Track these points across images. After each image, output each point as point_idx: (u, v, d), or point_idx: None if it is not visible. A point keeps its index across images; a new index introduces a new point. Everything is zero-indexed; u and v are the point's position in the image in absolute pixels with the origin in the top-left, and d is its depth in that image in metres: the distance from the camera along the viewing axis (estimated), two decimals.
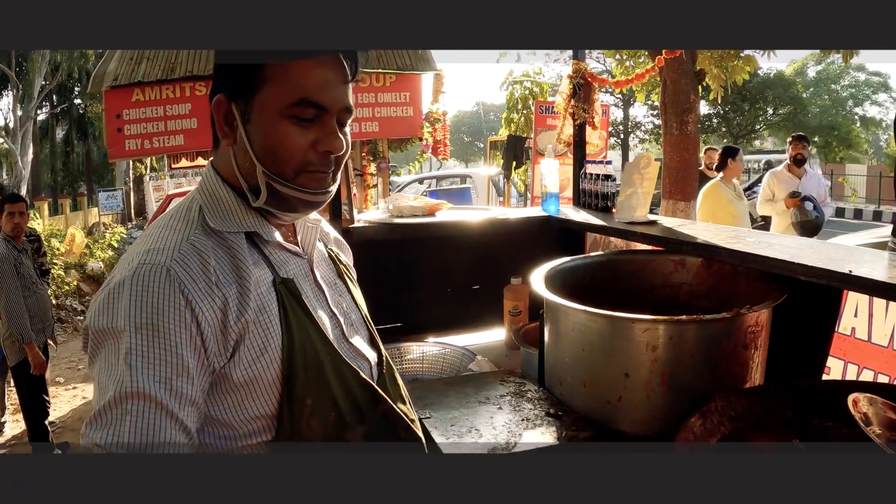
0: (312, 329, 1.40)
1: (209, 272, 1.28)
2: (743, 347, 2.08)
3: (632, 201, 3.15)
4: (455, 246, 3.55)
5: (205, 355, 1.25)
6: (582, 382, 2.17)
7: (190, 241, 1.31)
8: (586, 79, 3.98)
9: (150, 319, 1.19)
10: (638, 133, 43.79)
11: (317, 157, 1.38)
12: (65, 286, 12.94)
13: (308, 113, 1.36)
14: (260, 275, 1.38)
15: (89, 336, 1.25)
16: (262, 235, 1.43)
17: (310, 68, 1.36)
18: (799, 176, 8.48)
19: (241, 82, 1.38)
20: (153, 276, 1.22)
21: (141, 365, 1.16)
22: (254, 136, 1.37)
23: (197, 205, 1.41)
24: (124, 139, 8.58)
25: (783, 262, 2.13)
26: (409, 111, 9.21)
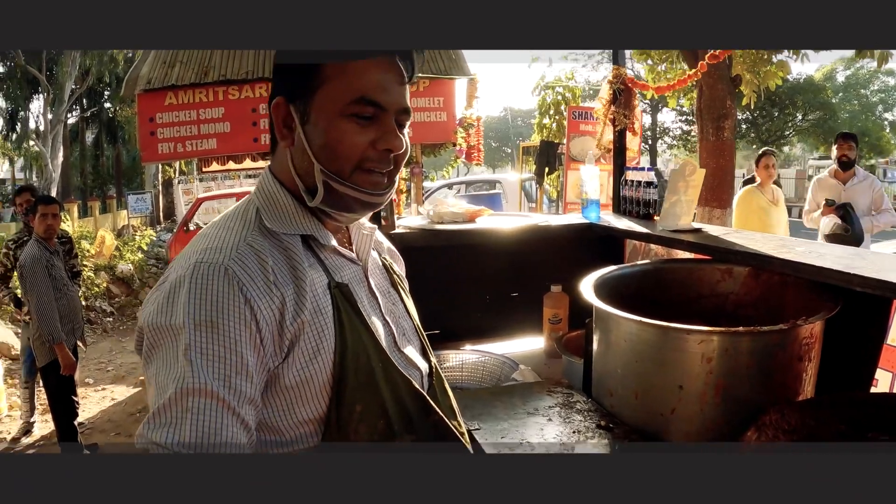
0: (366, 335, 1.39)
1: (267, 271, 1.28)
2: (797, 359, 2.03)
3: (676, 209, 3.10)
4: (494, 252, 3.52)
5: (263, 354, 1.24)
6: (634, 394, 2.13)
7: (247, 241, 1.31)
8: (627, 84, 3.95)
9: (210, 317, 1.19)
10: (666, 139, 43.62)
11: (376, 155, 1.38)
12: (94, 288, 13.07)
13: (367, 111, 1.36)
14: (316, 277, 1.38)
15: (145, 334, 1.24)
16: (319, 239, 1.43)
17: (368, 68, 1.37)
18: (844, 181, 7.54)
19: (299, 84, 1.39)
20: (212, 274, 1.23)
21: (201, 361, 1.16)
22: (312, 135, 1.37)
23: (254, 207, 1.41)
24: (157, 142, 8.61)
25: (838, 272, 2.09)
26: (443, 116, 9.19)
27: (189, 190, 21.20)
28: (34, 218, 6.22)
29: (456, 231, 3.39)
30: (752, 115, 34.82)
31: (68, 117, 32.58)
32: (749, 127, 36.82)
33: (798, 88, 35.18)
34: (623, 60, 4.05)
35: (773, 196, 7.77)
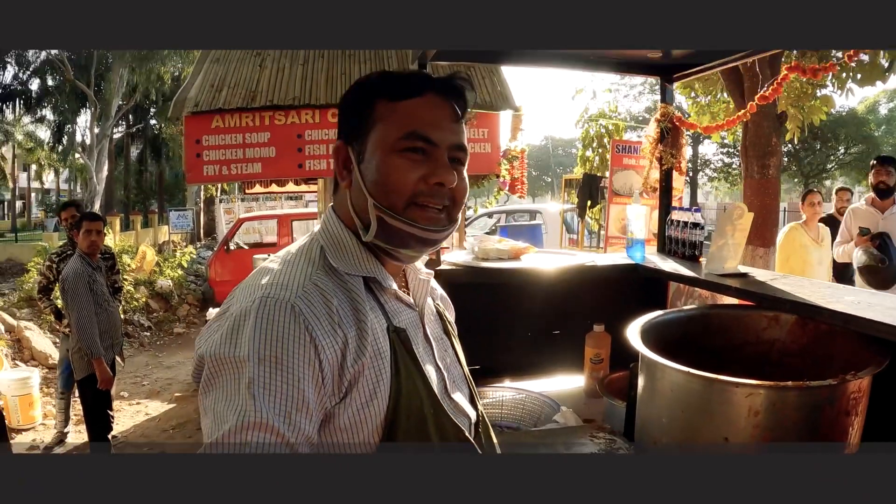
0: (420, 381, 1.40)
1: (332, 312, 1.29)
2: (845, 414, 2.00)
3: (723, 252, 3.08)
4: (538, 289, 3.52)
5: (322, 393, 1.25)
6: (678, 444, 2.11)
7: (313, 280, 1.33)
8: (674, 123, 3.93)
9: (275, 352, 1.20)
10: (707, 171, 43.39)
11: (427, 189, 1.40)
12: (133, 302, 13.21)
13: (418, 145, 1.39)
14: (376, 320, 1.39)
15: (206, 364, 1.25)
16: (380, 281, 1.45)
17: (419, 106, 1.42)
18: (883, 209, 6.86)
19: (356, 126, 1.45)
20: (279, 310, 1.24)
21: (264, 396, 1.17)
22: (367, 172, 1.41)
23: (318, 245, 1.44)
24: (203, 164, 8.71)
25: (888, 326, 2.06)
26: (487, 148, 9.22)
27: (230, 209, 21.41)
28: (78, 233, 6.32)
29: (501, 269, 3.40)
30: (794, 148, 34.55)
31: (114, 132, 33.12)
32: (791, 161, 36.52)
33: (841, 122, 34.87)
34: (671, 97, 4.03)
35: (818, 234, 7.67)
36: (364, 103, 1.44)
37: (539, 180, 64.58)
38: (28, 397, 7.89)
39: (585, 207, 11.76)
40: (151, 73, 29.19)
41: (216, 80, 8.98)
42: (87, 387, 6.24)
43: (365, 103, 1.44)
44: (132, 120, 36.90)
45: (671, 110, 3.96)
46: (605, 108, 12.98)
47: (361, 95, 1.46)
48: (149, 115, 37.02)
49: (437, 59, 3.51)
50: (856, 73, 8.46)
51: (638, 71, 4.12)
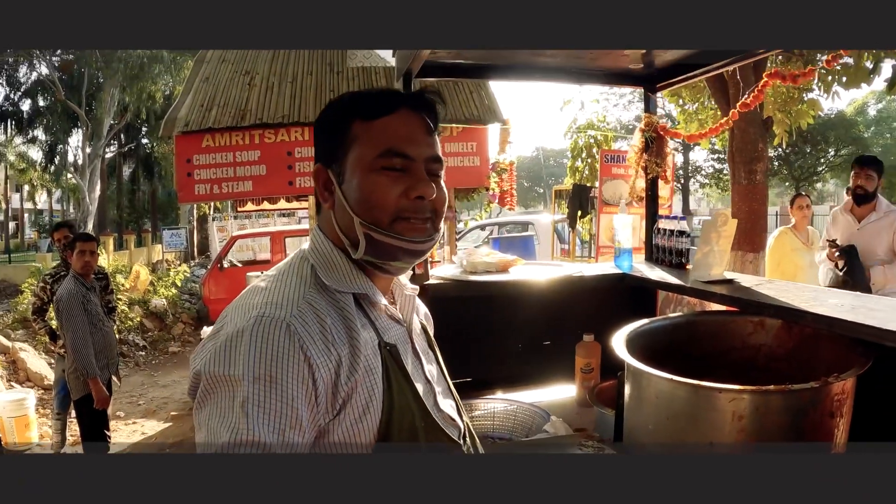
0: (411, 395, 1.43)
1: (326, 330, 1.31)
2: (829, 416, 2.02)
3: (708, 259, 3.11)
4: (527, 301, 3.54)
5: (316, 411, 1.27)
6: (665, 451, 2.13)
7: (307, 299, 1.35)
8: (659, 132, 3.96)
9: (270, 371, 1.22)
10: (698, 177, 43.43)
11: (410, 204, 1.43)
12: (128, 321, 13.19)
13: (395, 163, 1.43)
14: (367, 336, 1.41)
15: (200, 381, 1.27)
16: (370, 297, 1.48)
17: (392, 123, 1.45)
18: (860, 217, 6.19)
19: (333, 148, 1.48)
20: (274, 329, 1.26)
21: (258, 414, 1.19)
22: (349, 193, 1.44)
23: (308, 263, 1.46)
24: (194, 183, 8.74)
25: (871, 328, 2.08)
26: (476, 161, 9.26)
27: (223, 227, 21.39)
28: (72, 254, 6.33)
29: (489, 282, 3.42)
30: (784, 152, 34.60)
31: (106, 152, 33.07)
32: (781, 164, 36.59)
33: (830, 124, 34.92)
34: (655, 107, 4.06)
35: (808, 238, 7.62)
36: (339, 125, 1.47)
37: (531, 191, 64.63)
38: (24, 418, 7.87)
39: (576, 218, 11.78)
40: (142, 91, 29.19)
41: (206, 100, 9.03)
42: (83, 407, 6.24)
43: (340, 125, 1.47)
44: (124, 139, 36.85)
45: (655, 120, 3.99)
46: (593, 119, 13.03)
47: (336, 117, 1.49)
48: (140, 133, 37.00)
49: (422, 75, 3.53)
50: (841, 76, 8.49)
51: (621, 82, 4.15)
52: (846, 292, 2.87)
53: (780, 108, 9.79)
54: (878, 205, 6.12)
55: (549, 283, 3.46)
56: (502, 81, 4.07)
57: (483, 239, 17.72)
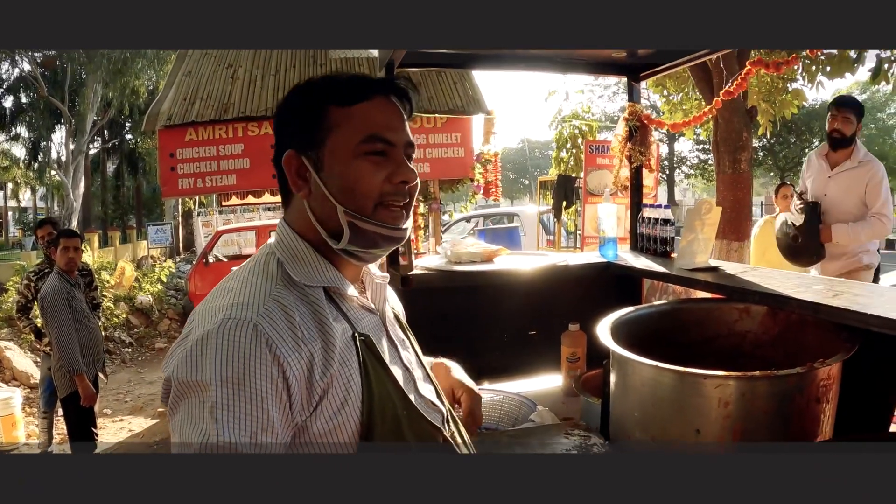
0: (390, 384, 1.43)
1: (295, 327, 1.29)
2: (815, 401, 2.02)
3: (693, 247, 3.11)
4: (512, 291, 3.53)
5: (289, 410, 1.25)
6: (650, 438, 2.12)
7: (273, 296, 1.33)
8: (642, 121, 3.96)
9: (237, 374, 1.20)
10: (683, 168, 43.54)
11: (392, 189, 1.44)
12: (114, 318, 13.14)
13: (378, 147, 1.42)
14: (340, 328, 1.39)
15: (171, 388, 1.26)
16: (341, 290, 1.46)
17: (370, 109, 1.44)
18: (834, 164, 5.44)
19: (306, 135, 1.45)
20: (240, 330, 1.24)
21: (227, 419, 1.18)
22: (330, 181, 1.42)
23: (274, 259, 1.44)
24: (177, 178, 8.71)
25: (855, 313, 2.08)
26: (461, 152, 9.26)
27: (208, 222, 21.28)
28: (55, 250, 6.32)
29: (474, 272, 3.41)
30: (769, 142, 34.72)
31: (90, 148, 32.91)
32: (766, 154, 36.73)
33: (814, 114, 34.97)
34: (638, 96, 4.06)
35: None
36: (313, 111, 1.45)
37: (517, 183, 64.66)
38: (10, 418, 7.82)
39: (561, 208, 11.80)
40: (126, 87, 29.02)
41: (189, 94, 8.99)
42: (70, 404, 6.22)
43: (314, 111, 1.45)
44: (107, 135, 36.67)
45: (639, 108, 3.99)
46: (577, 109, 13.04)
47: (308, 103, 1.46)
48: (124, 129, 36.80)
49: (405, 65, 3.52)
50: (825, 66, 8.50)
51: (605, 71, 4.14)
52: (832, 279, 2.87)
53: (764, 97, 9.82)
54: (854, 152, 5.40)
55: (534, 273, 3.45)
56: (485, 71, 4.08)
57: (469, 230, 17.74)
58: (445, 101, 9.18)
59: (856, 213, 5.30)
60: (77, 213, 28.10)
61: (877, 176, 5.28)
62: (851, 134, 5.32)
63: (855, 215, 5.30)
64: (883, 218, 5.18)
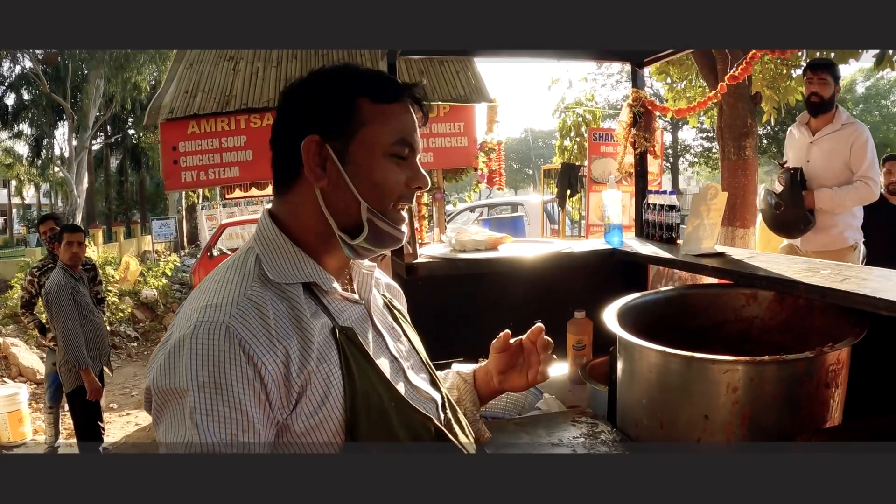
0: (375, 376, 1.40)
1: (269, 326, 1.27)
2: (825, 386, 2.00)
3: (699, 233, 3.09)
4: (517, 279, 3.52)
5: (270, 409, 1.24)
6: (659, 424, 2.11)
7: (247, 294, 1.31)
8: (646, 107, 3.94)
9: (213, 378, 1.19)
10: (687, 156, 43.45)
11: (409, 193, 1.48)
12: (119, 313, 13.15)
13: (404, 151, 1.45)
14: (318, 324, 1.37)
15: (152, 397, 1.25)
16: (321, 285, 1.44)
17: (402, 111, 1.46)
18: (815, 130, 5.16)
19: (339, 124, 1.41)
20: (213, 333, 1.22)
21: (208, 423, 1.17)
22: (357, 175, 1.41)
23: (253, 255, 1.41)
24: (180, 171, 8.71)
25: (864, 297, 2.07)
26: (464, 141, 9.26)
27: (212, 216, 21.30)
28: (59, 245, 6.33)
29: (478, 259, 3.40)
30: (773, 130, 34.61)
31: (92, 143, 32.92)
32: (770, 142, 36.61)
33: None
34: (642, 82, 4.04)
35: None
36: (343, 100, 1.42)
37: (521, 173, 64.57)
38: (17, 413, 7.85)
39: (565, 197, 11.76)
40: (128, 82, 29.02)
41: (190, 86, 8.99)
42: (76, 399, 6.23)
43: (345, 100, 1.42)
44: (110, 130, 36.69)
45: (643, 94, 3.97)
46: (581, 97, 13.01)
47: (339, 91, 1.43)
48: (127, 124, 36.80)
49: (407, 53, 3.50)
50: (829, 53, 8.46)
51: (608, 57, 4.13)
52: (839, 263, 2.85)
53: (768, 84, 9.77)
54: (836, 116, 5.09)
55: (538, 260, 3.44)
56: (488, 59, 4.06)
57: (473, 220, 17.74)
58: (448, 90, 9.18)
59: (841, 179, 5.02)
60: (81, 209, 28.14)
61: (861, 137, 5.00)
62: (830, 96, 5.03)
63: (840, 180, 5.02)
64: (869, 181, 4.91)
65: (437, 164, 9.51)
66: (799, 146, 5.23)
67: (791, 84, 9.90)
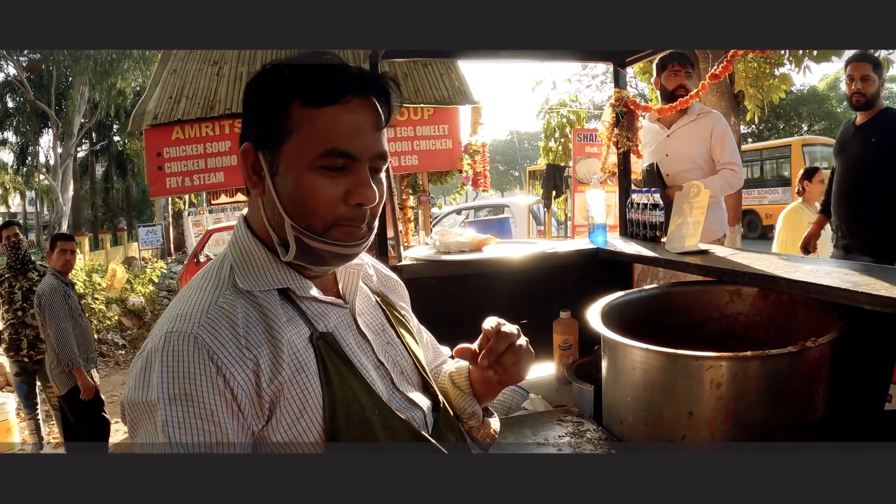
0: (356, 383, 1.34)
1: (238, 336, 1.23)
2: (808, 381, 2.01)
3: (682, 231, 3.10)
4: (502, 280, 3.52)
5: (243, 418, 1.21)
6: (644, 422, 2.11)
7: (218, 303, 1.27)
8: (629, 107, 3.95)
9: (183, 389, 1.17)
10: None
11: (349, 211, 1.32)
12: (106, 321, 13.07)
13: (337, 163, 1.29)
14: (294, 332, 1.32)
15: (126, 411, 1.23)
16: (296, 291, 1.37)
17: (338, 115, 1.29)
18: (669, 123, 4.91)
19: (267, 131, 1.32)
20: (181, 344, 1.20)
21: (179, 435, 1.15)
22: (281, 188, 1.31)
23: (228, 263, 1.37)
24: (165, 177, 8.69)
25: (846, 291, 2.07)
26: (448, 143, 9.24)
27: (199, 222, 21.25)
28: (53, 253, 6.41)
29: (463, 261, 3.41)
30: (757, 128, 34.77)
31: (78, 151, 32.77)
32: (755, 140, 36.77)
33: (802, 100, 35.11)
34: (624, 82, 4.05)
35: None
36: (276, 103, 1.31)
37: (507, 175, 64.68)
38: (5, 423, 7.78)
39: (551, 198, 11.79)
40: (112, 88, 28.89)
41: (174, 92, 8.96)
42: (71, 400, 6.26)
43: (277, 103, 1.31)
44: (95, 137, 36.54)
45: (625, 94, 3.98)
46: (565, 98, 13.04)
47: (272, 93, 1.33)
48: (112, 131, 36.66)
49: (390, 56, 3.50)
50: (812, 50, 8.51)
51: (590, 57, 4.15)
52: (821, 259, 2.86)
53: (751, 83, 9.82)
54: (690, 107, 4.76)
55: (523, 261, 3.45)
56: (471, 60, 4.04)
57: (459, 223, 17.75)
58: (432, 93, 9.17)
59: (705, 168, 4.81)
60: (67, 217, 28.02)
61: (720, 125, 4.84)
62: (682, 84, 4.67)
63: (704, 170, 4.79)
64: (735, 167, 4.76)
65: (422, 166, 9.50)
66: (655, 140, 4.95)
67: (774, 82, 9.94)
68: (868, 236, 4.91)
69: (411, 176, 10.66)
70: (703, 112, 4.92)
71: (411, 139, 9.15)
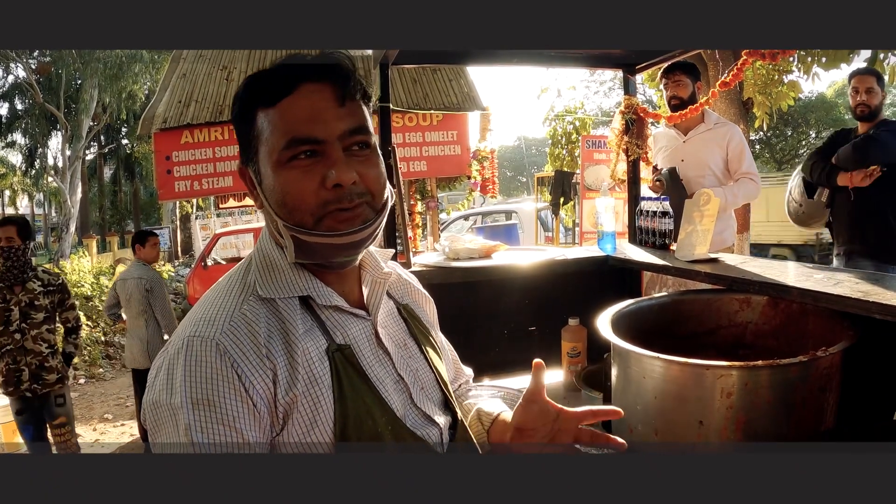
0: (371, 398, 1.33)
1: (259, 344, 1.24)
2: (818, 391, 2.01)
3: (692, 239, 3.10)
4: (511, 287, 3.52)
5: (265, 424, 1.22)
6: (654, 431, 2.11)
7: (242, 310, 1.27)
8: (639, 114, 3.95)
9: (207, 395, 1.17)
10: None
11: (331, 195, 1.28)
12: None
13: (302, 150, 1.28)
14: (310, 343, 1.31)
15: (147, 412, 1.23)
16: (316, 299, 1.37)
17: (292, 105, 1.29)
18: (686, 129, 4.98)
19: (246, 146, 1.36)
20: (204, 349, 1.20)
21: (201, 440, 1.15)
22: (268, 193, 1.32)
23: (253, 269, 1.37)
24: (174, 181, 8.68)
25: (857, 300, 2.07)
26: (457, 150, 9.21)
27: (206, 225, 21.34)
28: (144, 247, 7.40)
29: (472, 268, 3.40)
30: (765, 135, 34.67)
31: (86, 153, 32.81)
32: (763, 147, 36.68)
33: (810, 107, 34.96)
34: (634, 89, 4.05)
35: None
36: (245, 117, 1.34)
37: (514, 181, 64.71)
38: (12, 424, 7.80)
39: (559, 204, 11.78)
40: (122, 91, 28.92)
41: (184, 96, 8.95)
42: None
43: (246, 116, 1.33)
44: (104, 140, 36.55)
45: (635, 101, 3.98)
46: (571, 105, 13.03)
47: (243, 110, 1.34)
48: (120, 134, 36.71)
49: (399, 62, 3.51)
50: (820, 57, 8.49)
51: (600, 65, 4.15)
52: (832, 268, 2.86)
53: (759, 89, 9.79)
54: (705, 116, 4.95)
55: (532, 268, 3.45)
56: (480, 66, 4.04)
57: (467, 229, 17.75)
58: (441, 99, 9.15)
59: (718, 176, 4.90)
60: (75, 219, 28.02)
61: (736, 137, 4.93)
62: (690, 95, 4.78)
63: (717, 177, 4.89)
64: (754, 177, 4.86)
65: (431, 172, 9.48)
66: (672, 146, 5.04)
67: (783, 89, 9.92)
68: (870, 240, 5.03)
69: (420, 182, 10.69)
70: (721, 122, 5.02)
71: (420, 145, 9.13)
